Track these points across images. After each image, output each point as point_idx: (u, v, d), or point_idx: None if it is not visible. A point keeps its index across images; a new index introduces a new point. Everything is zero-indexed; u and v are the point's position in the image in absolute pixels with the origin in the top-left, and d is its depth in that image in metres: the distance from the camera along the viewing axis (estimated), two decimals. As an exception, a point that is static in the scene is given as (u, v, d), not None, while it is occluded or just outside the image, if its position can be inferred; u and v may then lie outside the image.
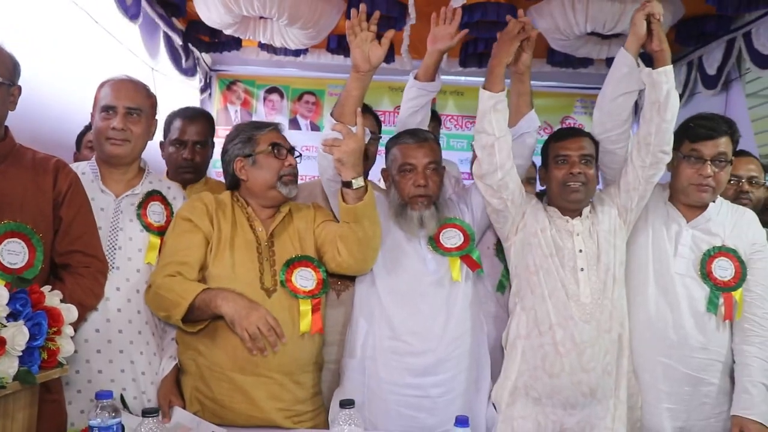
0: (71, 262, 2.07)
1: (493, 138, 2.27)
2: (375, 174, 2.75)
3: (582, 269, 2.30)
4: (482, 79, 2.37)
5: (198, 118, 2.90)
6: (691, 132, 2.36)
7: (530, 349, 2.32)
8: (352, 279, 2.51)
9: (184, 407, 2.20)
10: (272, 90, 5.52)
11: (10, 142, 2.04)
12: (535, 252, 2.34)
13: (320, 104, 5.47)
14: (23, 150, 2.07)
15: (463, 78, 5.40)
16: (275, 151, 2.32)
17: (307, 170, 3.59)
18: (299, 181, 2.43)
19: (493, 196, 2.35)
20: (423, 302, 2.37)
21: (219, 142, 2.68)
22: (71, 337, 1.73)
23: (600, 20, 3.67)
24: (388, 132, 2.86)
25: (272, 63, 5.23)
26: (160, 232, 2.30)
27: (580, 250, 2.32)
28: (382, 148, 2.70)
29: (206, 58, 5.35)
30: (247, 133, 2.36)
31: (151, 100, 2.38)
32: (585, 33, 3.88)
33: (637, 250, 2.41)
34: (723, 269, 2.33)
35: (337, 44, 4.61)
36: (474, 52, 4.66)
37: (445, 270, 2.41)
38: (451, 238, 2.44)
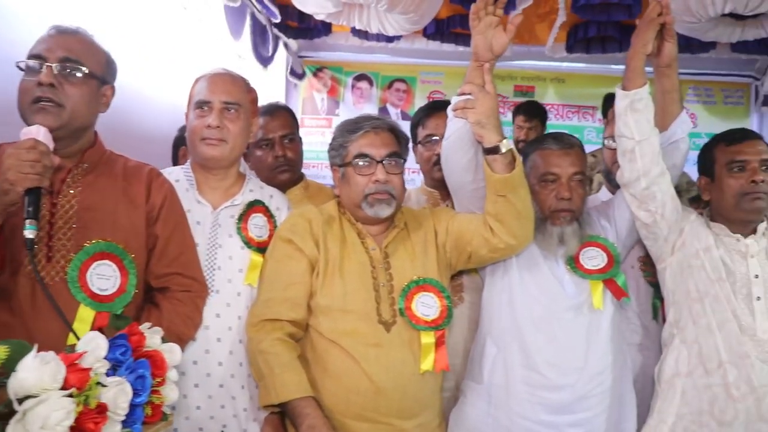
0: (169, 285, 1.84)
1: (633, 142, 2.04)
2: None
3: (759, 298, 1.99)
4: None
5: (278, 112, 2.60)
6: None
7: (693, 390, 2.03)
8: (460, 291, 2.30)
9: None
10: (361, 77, 5.21)
11: (99, 148, 1.83)
12: (698, 276, 2.05)
13: (411, 92, 5.13)
14: (114, 157, 1.86)
15: (564, 64, 4.97)
16: (360, 163, 2.00)
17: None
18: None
19: (639, 207, 2.10)
20: (560, 329, 2.09)
21: (304, 132, 2.37)
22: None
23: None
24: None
25: (361, 49, 4.92)
26: (262, 248, 2.04)
27: (756, 276, 2.01)
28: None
29: (291, 44, 5.11)
30: (340, 138, 2.06)
31: (251, 95, 2.13)
32: (720, 14, 3.45)
33: None
34: None
35: (435, 29, 4.28)
36: (584, 38, 4.26)
37: (585, 295, 2.12)
38: (593, 258, 2.16)
